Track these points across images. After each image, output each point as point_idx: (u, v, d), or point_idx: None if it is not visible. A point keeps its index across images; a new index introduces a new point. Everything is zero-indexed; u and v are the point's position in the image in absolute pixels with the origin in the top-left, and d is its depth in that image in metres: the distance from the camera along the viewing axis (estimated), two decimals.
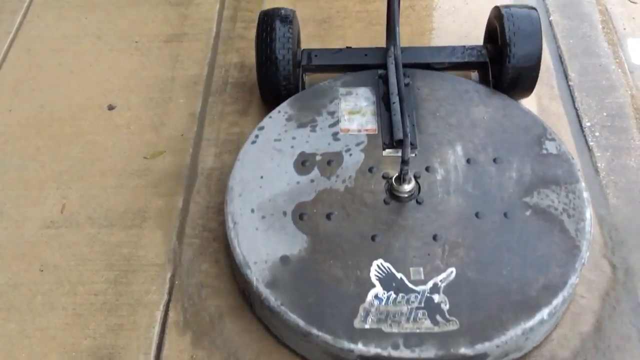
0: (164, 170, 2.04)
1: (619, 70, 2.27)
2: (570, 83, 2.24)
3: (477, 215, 1.66)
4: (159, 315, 1.72)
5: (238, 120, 2.17)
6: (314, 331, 1.49)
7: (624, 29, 2.44)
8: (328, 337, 1.47)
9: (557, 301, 1.52)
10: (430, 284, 1.54)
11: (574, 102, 2.18)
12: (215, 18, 2.53)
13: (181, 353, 1.65)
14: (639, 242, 1.82)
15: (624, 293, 1.71)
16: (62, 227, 1.91)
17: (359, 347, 1.46)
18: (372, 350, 1.45)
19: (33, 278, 1.81)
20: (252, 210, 1.70)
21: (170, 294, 1.76)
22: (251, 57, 2.35)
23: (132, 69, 2.35)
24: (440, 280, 1.54)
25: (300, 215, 1.68)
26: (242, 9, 2.56)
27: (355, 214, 1.68)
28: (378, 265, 1.57)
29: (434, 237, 1.62)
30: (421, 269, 1.57)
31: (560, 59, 2.32)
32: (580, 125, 2.11)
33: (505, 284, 1.54)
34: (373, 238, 1.63)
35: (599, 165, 2.00)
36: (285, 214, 1.68)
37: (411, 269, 1.57)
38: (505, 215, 1.66)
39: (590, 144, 2.06)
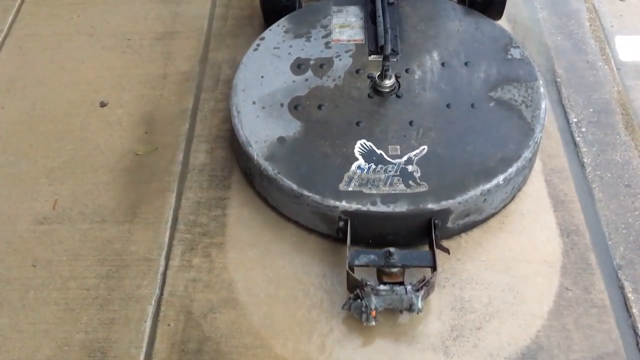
0: (156, 167, 2.05)
1: (606, 67, 2.30)
2: (557, 79, 2.27)
3: (448, 106, 1.94)
4: (150, 309, 1.74)
5: (230, 116, 2.18)
6: (305, 193, 1.75)
7: (612, 26, 2.47)
8: (317, 197, 1.74)
9: (511, 169, 1.79)
10: (405, 157, 1.81)
11: (561, 98, 2.21)
12: (206, 16, 2.55)
13: (172, 346, 1.67)
14: (624, 236, 1.85)
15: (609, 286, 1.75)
16: (54, 223, 1.93)
17: (343, 204, 1.73)
18: (354, 206, 1.72)
19: (25, 273, 1.82)
20: (254, 102, 1.97)
21: (161, 288, 1.78)
22: (243, 55, 2.37)
23: (124, 66, 2.37)
24: (414, 155, 1.82)
25: (295, 106, 1.95)
26: (234, 7, 2.58)
27: (343, 105, 1.96)
28: (361, 144, 1.84)
29: (410, 123, 1.90)
30: (398, 147, 1.84)
31: (548, 56, 2.34)
32: (567, 121, 2.14)
33: (469, 157, 1.82)
34: (358, 124, 1.90)
35: (585, 160, 2.03)
36: (282, 105, 1.95)
37: (389, 146, 1.85)
38: (472, 106, 1.94)
39: (577, 139, 2.09)
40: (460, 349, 1.64)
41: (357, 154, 1.82)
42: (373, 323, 1.60)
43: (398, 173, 1.78)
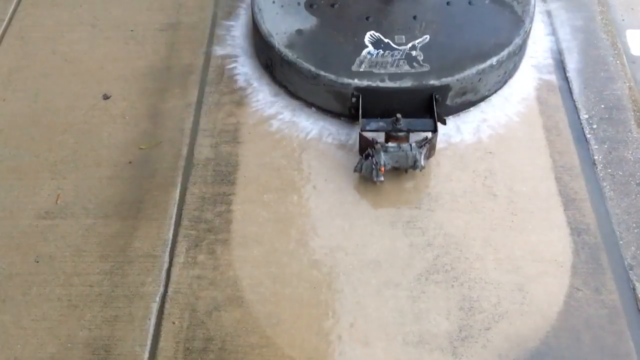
0: (160, 161, 2.03)
1: (617, 61, 2.26)
2: (568, 75, 2.23)
3: (448, 3, 2.23)
4: (154, 307, 1.71)
5: (235, 110, 2.15)
6: (322, 73, 2.03)
7: (623, 19, 2.42)
8: (332, 76, 2.03)
9: (503, 53, 2.08)
10: (409, 45, 2.10)
11: (572, 94, 2.17)
12: (211, 6, 2.50)
13: (177, 345, 1.65)
14: (636, 236, 1.82)
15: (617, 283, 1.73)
16: (57, 218, 1.90)
17: (355, 82, 2.01)
18: (365, 83, 2.01)
19: (28, 269, 1.80)
20: (273, 2, 2.25)
21: (165, 285, 1.75)
22: None
23: (127, 58, 2.33)
24: (418, 43, 2.10)
25: (310, 5, 2.23)
26: None
27: (353, 4, 2.25)
28: (370, 35, 2.13)
29: (414, 17, 2.18)
30: (403, 36, 2.12)
31: (558, 51, 2.31)
32: (578, 117, 2.10)
33: (466, 44, 2.11)
34: (367, 18, 2.19)
35: (596, 157, 2.00)
36: (299, 4, 2.25)
37: (396, 36, 2.13)
38: (469, 3, 2.23)
39: (588, 136, 2.05)
40: (468, 350, 1.62)
41: (367, 42, 2.10)
42: (382, 179, 1.88)
43: (403, 57, 2.05)
